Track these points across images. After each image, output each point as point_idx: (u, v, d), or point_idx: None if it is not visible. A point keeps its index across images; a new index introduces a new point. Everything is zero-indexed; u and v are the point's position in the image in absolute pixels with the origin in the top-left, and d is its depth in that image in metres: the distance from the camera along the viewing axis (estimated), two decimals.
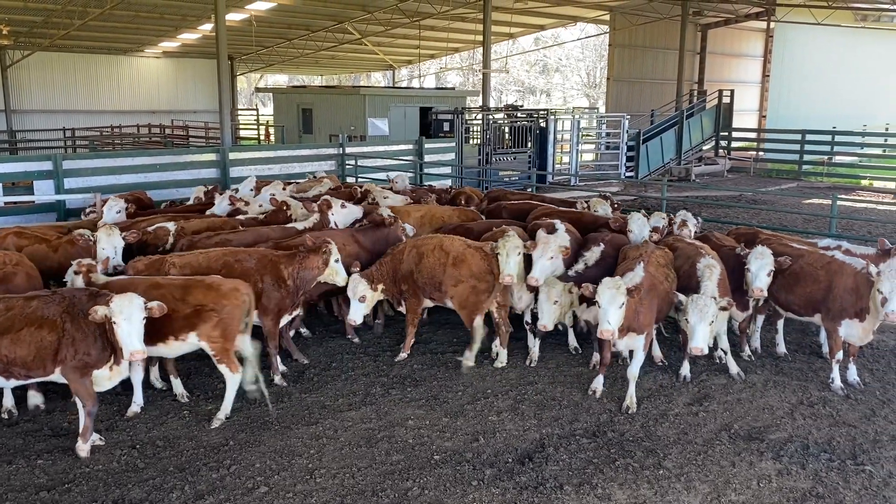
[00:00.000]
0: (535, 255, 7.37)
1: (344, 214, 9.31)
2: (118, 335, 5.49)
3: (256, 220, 9.61)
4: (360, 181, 16.10)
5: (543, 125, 22.40)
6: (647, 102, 31.99)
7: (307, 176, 14.39)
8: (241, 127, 37.42)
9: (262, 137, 35.03)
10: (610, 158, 24.85)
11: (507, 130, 22.10)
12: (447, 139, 20.74)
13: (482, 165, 20.14)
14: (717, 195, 20.99)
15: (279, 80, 59.24)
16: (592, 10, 33.00)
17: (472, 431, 6.28)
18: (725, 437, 6.22)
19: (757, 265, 7.21)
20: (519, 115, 23.05)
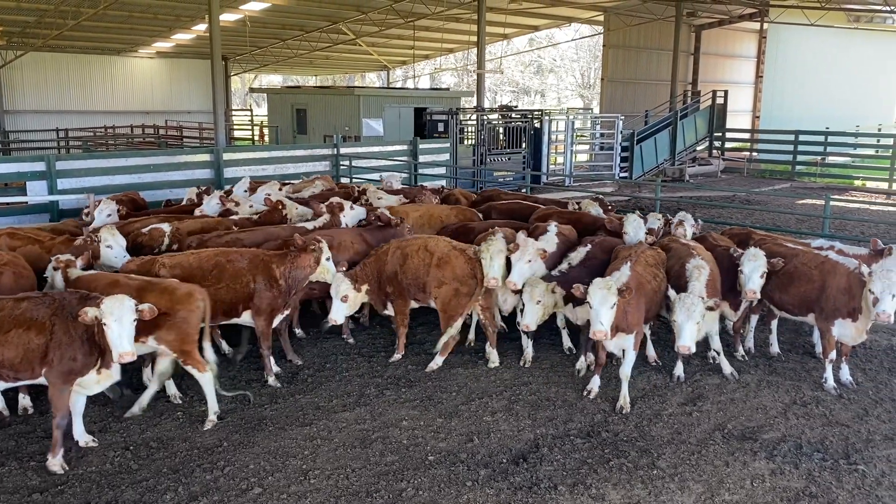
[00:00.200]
0: (513, 258, 7.40)
1: (352, 216, 9.37)
2: (108, 337, 5.42)
3: (250, 220, 9.60)
4: (354, 182, 16.09)
5: (538, 126, 22.43)
6: (641, 103, 32.08)
7: (300, 177, 14.37)
8: (235, 127, 37.35)
9: (256, 138, 34.95)
10: (604, 159, 24.92)
11: (501, 131, 22.11)
12: (442, 140, 20.72)
13: (477, 166, 20.14)
14: (710, 195, 21.03)
15: (273, 80, 59.20)
16: (587, 10, 33.09)
17: (466, 432, 6.28)
18: (719, 436, 6.24)
19: (750, 267, 7.23)
20: (513, 115, 23.06)
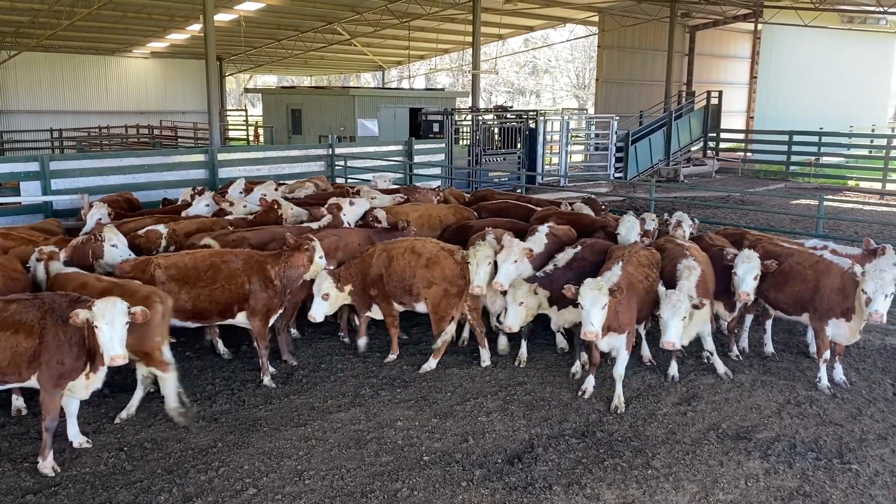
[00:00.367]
0: (499, 259, 7.38)
1: (354, 212, 9.35)
2: (99, 339, 5.35)
3: (245, 220, 9.59)
4: (349, 182, 16.08)
5: (533, 126, 22.47)
6: (635, 103, 32.11)
7: (295, 177, 14.36)
8: (230, 128, 37.26)
9: (251, 138, 34.92)
10: (599, 159, 24.96)
11: (496, 131, 22.12)
12: (437, 140, 20.73)
13: (472, 166, 20.14)
14: (705, 196, 21.09)
15: (268, 80, 59.13)
16: (581, 11, 33.10)
17: (461, 432, 6.28)
18: (713, 436, 6.25)
19: (743, 269, 7.24)
20: (508, 116, 23.07)
